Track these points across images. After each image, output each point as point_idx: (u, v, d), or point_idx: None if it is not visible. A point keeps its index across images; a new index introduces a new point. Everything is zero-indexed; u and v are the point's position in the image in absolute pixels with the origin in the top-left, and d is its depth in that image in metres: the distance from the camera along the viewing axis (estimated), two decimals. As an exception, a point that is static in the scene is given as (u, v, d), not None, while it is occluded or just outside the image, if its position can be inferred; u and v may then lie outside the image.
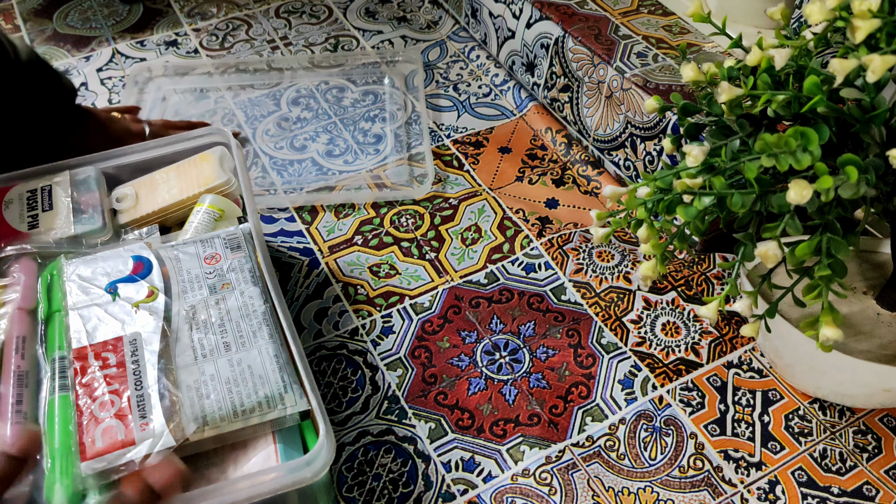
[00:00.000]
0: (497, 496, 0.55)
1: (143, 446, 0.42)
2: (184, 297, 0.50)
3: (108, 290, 0.50)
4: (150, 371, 0.45)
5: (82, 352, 0.46)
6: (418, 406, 0.60)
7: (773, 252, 0.43)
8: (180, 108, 0.86)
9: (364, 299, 0.68)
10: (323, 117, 0.86)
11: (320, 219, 0.75)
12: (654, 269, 0.49)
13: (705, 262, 0.70)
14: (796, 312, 0.57)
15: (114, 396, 0.44)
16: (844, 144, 0.46)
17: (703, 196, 0.45)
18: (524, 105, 0.87)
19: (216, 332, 0.48)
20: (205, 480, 0.45)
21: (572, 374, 0.62)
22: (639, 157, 0.73)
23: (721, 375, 0.62)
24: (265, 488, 0.43)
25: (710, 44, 0.75)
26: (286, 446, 0.46)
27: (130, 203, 0.60)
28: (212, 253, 0.53)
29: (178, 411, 0.44)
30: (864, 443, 0.58)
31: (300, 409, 0.46)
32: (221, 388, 0.45)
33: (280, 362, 0.47)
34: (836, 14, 0.42)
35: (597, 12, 0.80)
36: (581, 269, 0.70)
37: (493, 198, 0.77)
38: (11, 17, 1.02)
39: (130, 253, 0.52)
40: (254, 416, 0.45)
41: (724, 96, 0.46)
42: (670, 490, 0.55)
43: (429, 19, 1.02)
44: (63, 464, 0.42)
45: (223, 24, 1.00)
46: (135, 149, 0.63)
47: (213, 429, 0.44)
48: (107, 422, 0.43)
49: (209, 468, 0.46)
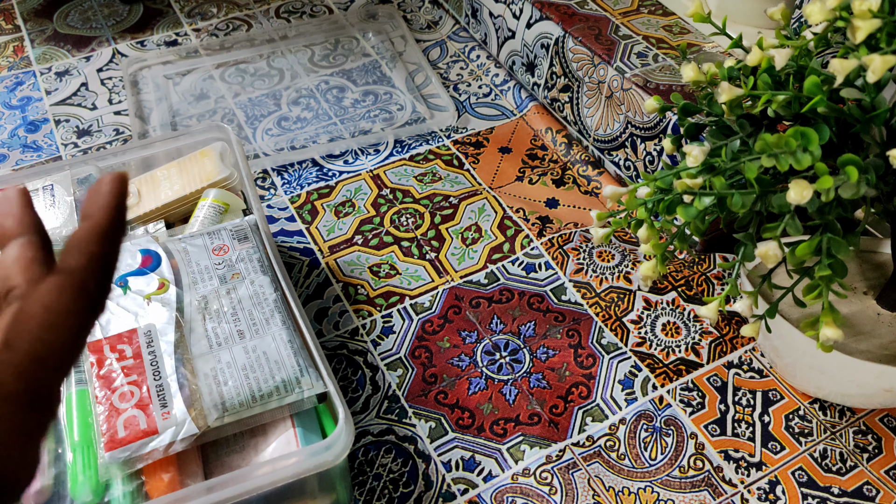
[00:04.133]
0: (497, 495, 0.55)
1: (166, 435, 0.43)
2: (195, 288, 0.51)
3: (118, 284, 0.50)
4: (167, 361, 0.46)
5: (97, 345, 0.47)
6: (418, 405, 0.60)
7: (774, 252, 0.43)
8: (180, 109, 0.86)
9: (364, 299, 0.68)
10: (323, 117, 0.86)
11: (320, 218, 0.75)
12: (655, 269, 0.49)
13: (705, 263, 0.70)
14: (796, 312, 0.57)
15: (133, 387, 0.45)
16: (844, 144, 0.46)
17: (704, 196, 0.45)
18: (524, 105, 0.87)
19: (229, 320, 0.49)
20: (226, 468, 0.46)
21: (572, 375, 0.62)
22: (639, 157, 0.73)
23: (721, 375, 0.62)
24: (287, 473, 0.43)
25: (711, 44, 0.75)
26: (305, 430, 0.47)
27: (133, 200, 0.61)
28: (220, 244, 0.53)
29: (197, 399, 0.45)
30: (864, 443, 0.58)
31: (318, 392, 0.47)
32: (238, 374, 0.46)
33: (294, 347, 0.48)
34: (837, 14, 0.42)
35: (597, 12, 0.80)
36: (581, 269, 0.70)
37: (493, 197, 0.77)
38: (11, 17, 1.02)
39: (138, 247, 0.53)
40: (272, 401, 0.46)
41: (725, 96, 0.46)
42: (670, 490, 0.55)
43: (429, 19, 1.02)
44: (84, 456, 0.43)
45: (223, 24, 1.00)
46: (134, 147, 0.63)
47: (233, 414, 0.45)
48: (129, 412, 0.44)
49: (230, 455, 0.46)
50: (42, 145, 0.82)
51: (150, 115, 0.85)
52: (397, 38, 0.98)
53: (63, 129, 0.84)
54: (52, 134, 0.84)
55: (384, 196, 0.77)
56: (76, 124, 0.85)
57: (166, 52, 0.94)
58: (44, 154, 0.82)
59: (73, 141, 0.83)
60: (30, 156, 0.81)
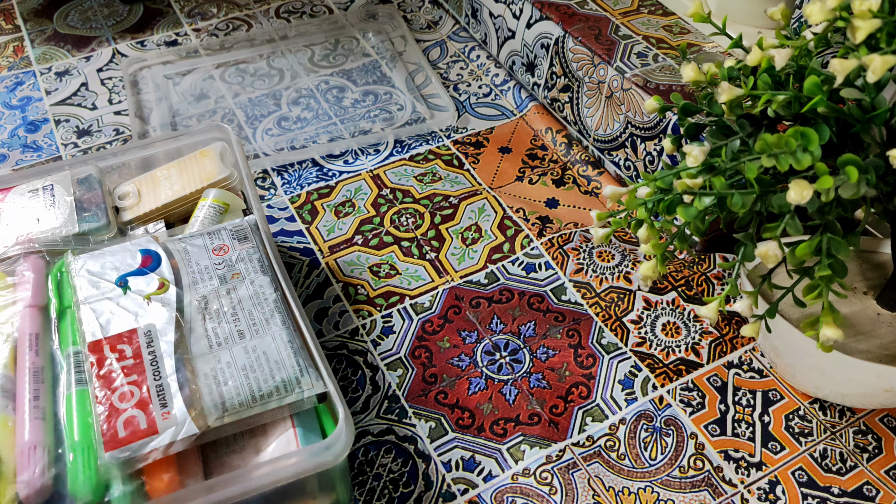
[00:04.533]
0: (497, 495, 0.55)
1: (166, 435, 0.43)
2: (195, 288, 0.51)
3: (118, 284, 0.50)
4: (167, 361, 0.46)
5: (97, 345, 0.47)
6: (418, 405, 0.60)
7: (774, 252, 0.43)
8: (180, 109, 0.86)
9: (364, 299, 0.68)
10: (324, 117, 0.86)
11: (320, 218, 0.75)
12: (655, 269, 0.49)
13: (705, 263, 0.70)
14: (796, 312, 0.57)
15: (133, 387, 0.45)
16: (844, 144, 0.46)
17: (704, 196, 0.45)
18: (524, 105, 0.87)
19: (229, 320, 0.49)
20: (226, 468, 0.46)
21: (572, 375, 0.62)
22: (639, 157, 0.73)
23: (721, 375, 0.62)
24: (287, 472, 0.43)
25: (711, 44, 0.75)
26: (305, 430, 0.47)
27: (133, 200, 0.61)
28: (220, 244, 0.53)
29: (198, 399, 0.45)
30: (864, 443, 0.58)
31: (317, 392, 0.47)
32: (238, 374, 0.46)
33: (294, 347, 0.48)
34: (837, 14, 0.42)
35: (597, 12, 0.80)
36: (581, 269, 0.70)
37: (493, 197, 0.77)
38: (12, 17, 1.02)
39: (138, 247, 0.53)
40: (272, 401, 0.46)
41: (725, 96, 0.46)
42: (670, 490, 0.55)
43: (429, 19, 1.02)
44: (84, 456, 0.43)
45: (223, 24, 1.00)
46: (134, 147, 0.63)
47: (233, 414, 0.45)
48: (128, 412, 0.44)
49: (230, 455, 0.46)
50: (42, 145, 0.82)
51: (150, 115, 0.85)
52: (397, 38, 0.98)
53: (63, 129, 0.84)
54: (52, 134, 0.84)
55: (384, 196, 0.77)
56: (76, 124, 0.85)
57: (166, 52, 0.94)
58: (44, 154, 0.82)
59: (73, 141, 0.83)
60: (30, 156, 0.81)
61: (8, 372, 0.47)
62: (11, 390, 0.46)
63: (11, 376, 0.47)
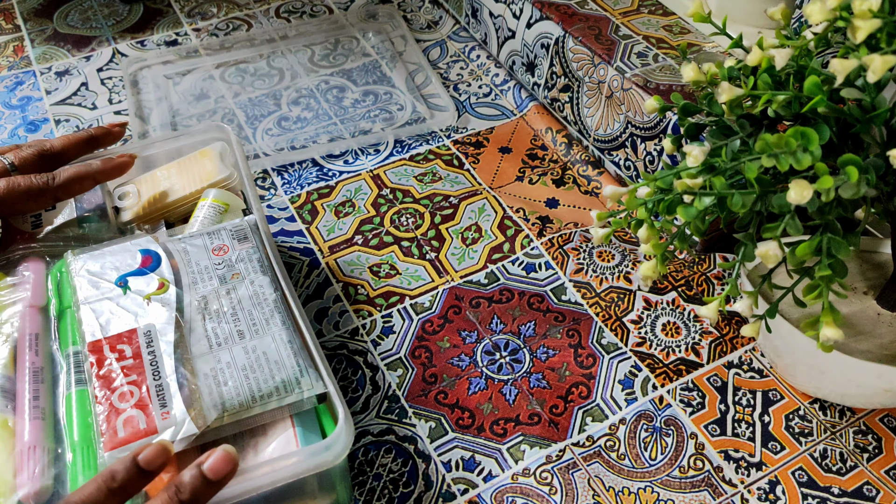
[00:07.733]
0: (497, 495, 0.55)
1: (165, 435, 0.43)
2: (194, 288, 0.51)
3: (118, 284, 0.50)
4: (166, 361, 0.46)
5: (97, 345, 0.47)
6: (418, 405, 0.60)
7: (774, 252, 0.43)
8: (180, 109, 0.86)
9: (364, 299, 0.68)
10: (324, 117, 0.86)
11: (320, 218, 0.75)
12: (655, 269, 0.49)
13: (705, 263, 0.70)
14: (797, 312, 0.57)
15: (132, 387, 0.45)
16: (845, 144, 0.46)
17: (704, 196, 0.45)
18: (524, 105, 0.87)
19: (229, 321, 0.49)
20: None
21: (572, 374, 0.62)
22: (639, 157, 0.73)
23: (721, 375, 0.62)
24: (286, 473, 0.43)
25: (711, 44, 0.75)
26: (305, 430, 0.47)
27: (133, 200, 0.61)
28: (219, 244, 0.54)
29: (197, 399, 0.45)
30: (864, 443, 0.58)
31: (317, 392, 0.47)
32: (238, 374, 0.46)
33: (294, 347, 0.48)
34: (837, 14, 0.42)
35: (597, 12, 0.80)
36: (581, 269, 0.70)
37: (493, 197, 0.77)
38: (12, 17, 1.02)
39: (138, 247, 0.53)
40: (272, 401, 0.46)
41: (725, 96, 0.46)
42: (671, 490, 0.55)
43: (429, 19, 1.02)
44: (84, 456, 0.43)
45: (223, 23, 1.00)
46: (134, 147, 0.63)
47: (233, 415, 0.45)
48: (128, 412, 0.44)
49: None
50: (42, 145, 0.82)
51: (150, 115, 0.85)
52: (397, 38, 0.98)
53: (63, 128, 0.84)
54: (53, 134, 0.84)
55: (384, 196, 0.77)
56: (76, 124, 0.85)
57: (166, 52, 0.94)
58: (44, 154, 0.81)
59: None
60: (30, 156, 0.81)
61: (8, 372, 0.47)
62: (11, 390, 0.46)
63: (11, 376, 0.47)
